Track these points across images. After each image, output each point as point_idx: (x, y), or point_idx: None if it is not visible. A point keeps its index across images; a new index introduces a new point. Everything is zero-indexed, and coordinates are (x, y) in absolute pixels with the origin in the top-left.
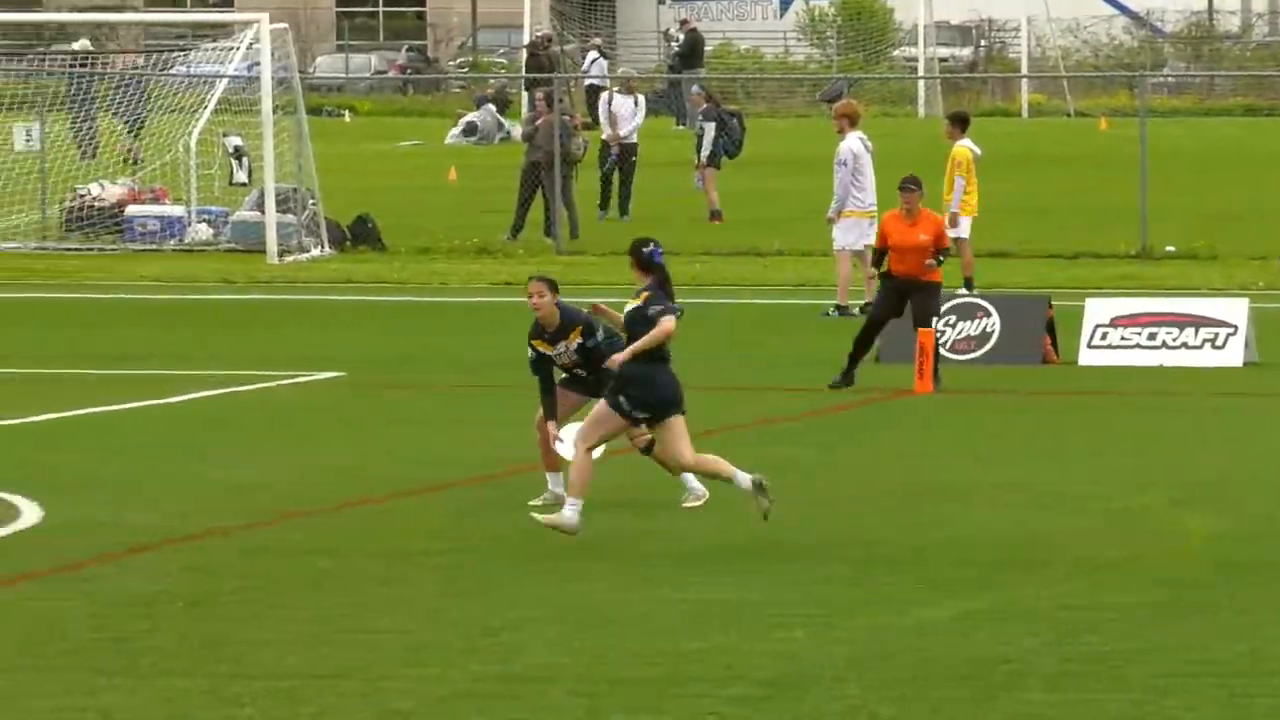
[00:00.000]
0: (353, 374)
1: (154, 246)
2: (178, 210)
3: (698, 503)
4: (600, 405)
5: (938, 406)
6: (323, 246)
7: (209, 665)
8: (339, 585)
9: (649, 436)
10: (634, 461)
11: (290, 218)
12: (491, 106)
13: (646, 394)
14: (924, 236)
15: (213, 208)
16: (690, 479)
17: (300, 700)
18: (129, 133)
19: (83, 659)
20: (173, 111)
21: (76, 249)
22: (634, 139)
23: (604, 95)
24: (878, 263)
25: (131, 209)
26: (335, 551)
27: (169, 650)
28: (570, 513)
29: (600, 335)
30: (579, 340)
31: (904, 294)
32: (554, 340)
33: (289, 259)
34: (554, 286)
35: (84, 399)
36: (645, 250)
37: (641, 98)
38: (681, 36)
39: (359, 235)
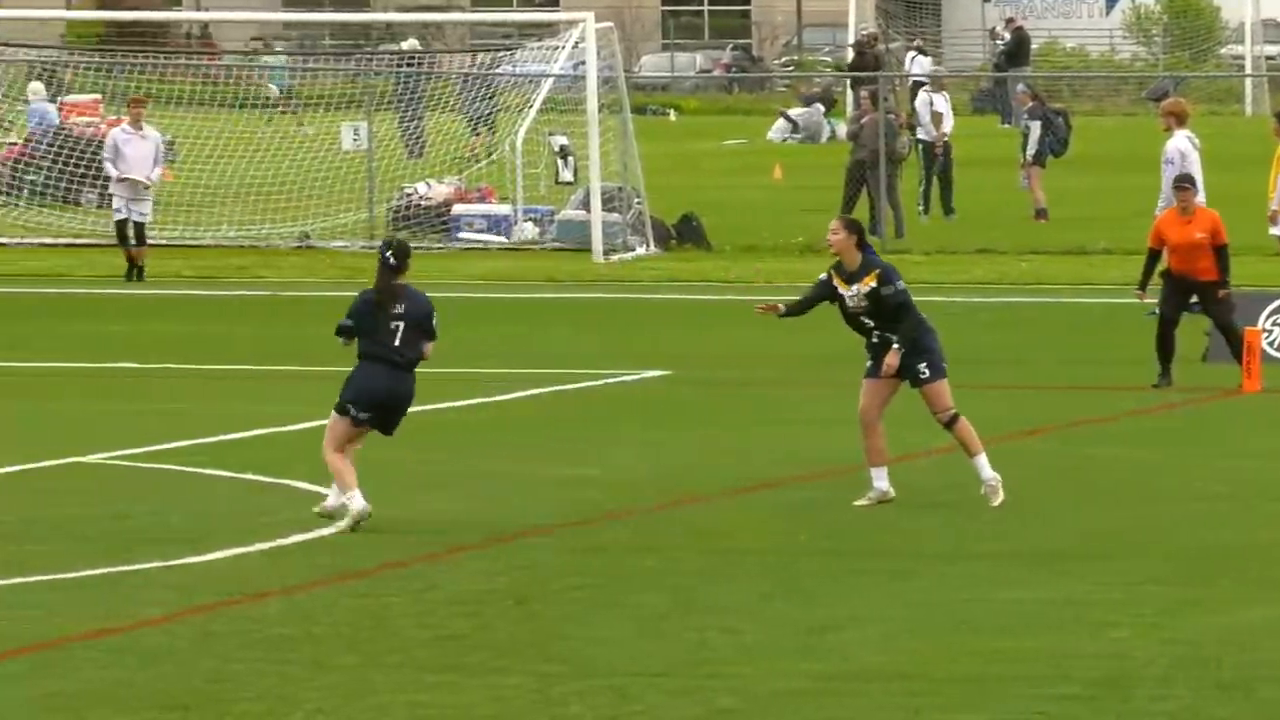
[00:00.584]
0: (679, 372)
1: (480, 245)
2: (504, 209)
3: (999, 498)
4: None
5: (1264, 406)
6: (648, 245)
7: (536, 664)
8: (666, 583)
9: (952, 410)
10: (954, 461)
11: (616, 216)
12: (819, 105)
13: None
14: (1200, 234)
15: (538, 206)
16: (984, 467)
17: (628, 698)
18: (472, 131)
19: (410, 656)
20: (499, 111)
21: None
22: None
23: (922, 94)
24: (1152, 264)
25: (458, 208)
26: (662, 550)
27: (496, 648)
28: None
29: (898, 286)
30: (873, 284)
31: (1187, 290)
32: (850, 280)
33: (614, 258)
34: (853, 226)
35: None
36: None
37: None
38: (1007, 35)
39: (684, 234)
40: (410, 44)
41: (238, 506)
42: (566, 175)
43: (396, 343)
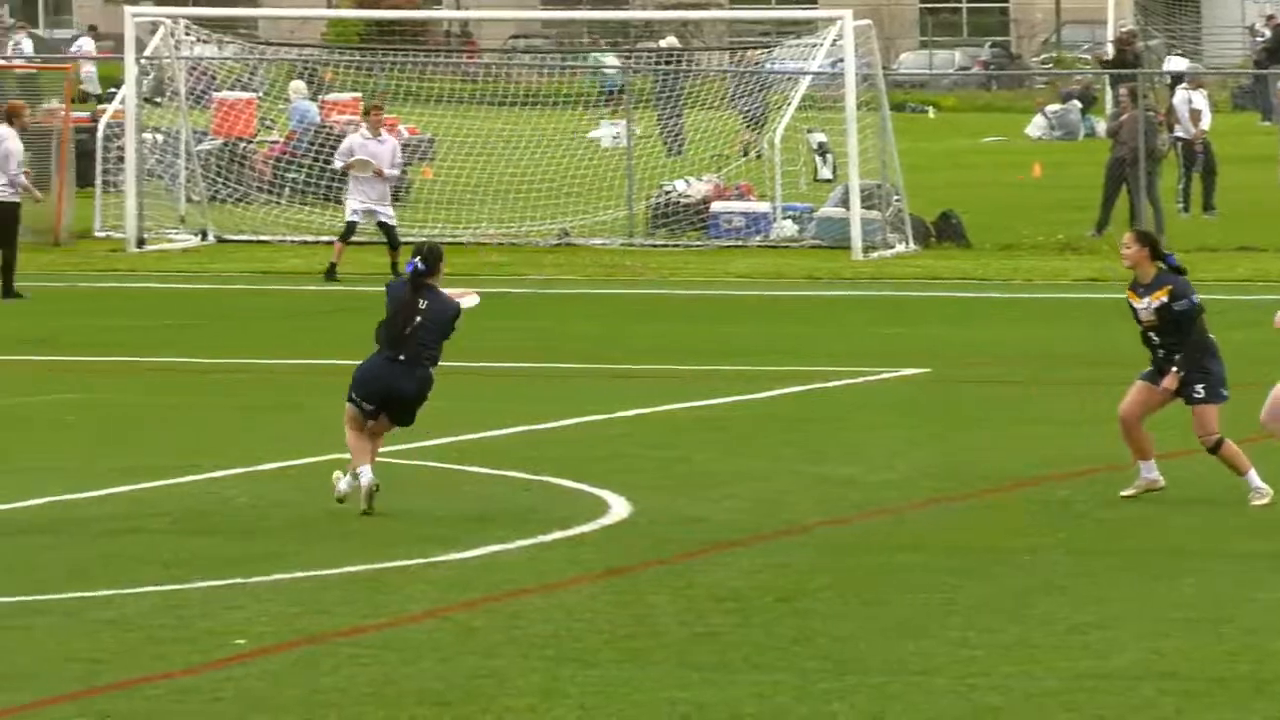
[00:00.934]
0: (938, 369)
1: (739, 242)
2: (763, 207)
3: (1263, 500)
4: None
5: None
6: (907, 243)
7: (798, 660)
8: (926, 582)
9: (1216, 436)
10: (1214, 461)
11: (875, 214)
12: (1077, 102)
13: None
14: None
15: (797, 204)
16: (1255, 480)
17: (889, 696)
18: (748, 126)
19: (674, 653)
20: (769, 108)
21: (663, 245)
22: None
23: (1180, 91)
24: None
25: (717, 205)
26: (922, 547)
27: (759, 645)
28: None
29: (1192, 300)
30: (1164, 299)
31: None
32: (1143, 293)
33: (874, 255)
34: (1145, 239)
35: (674, 394)
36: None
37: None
38: (1267, 31)
39: (943, 231)
40: (669, 41)
41: (497, 504)
42: (825, 172)
43: (405, 333)
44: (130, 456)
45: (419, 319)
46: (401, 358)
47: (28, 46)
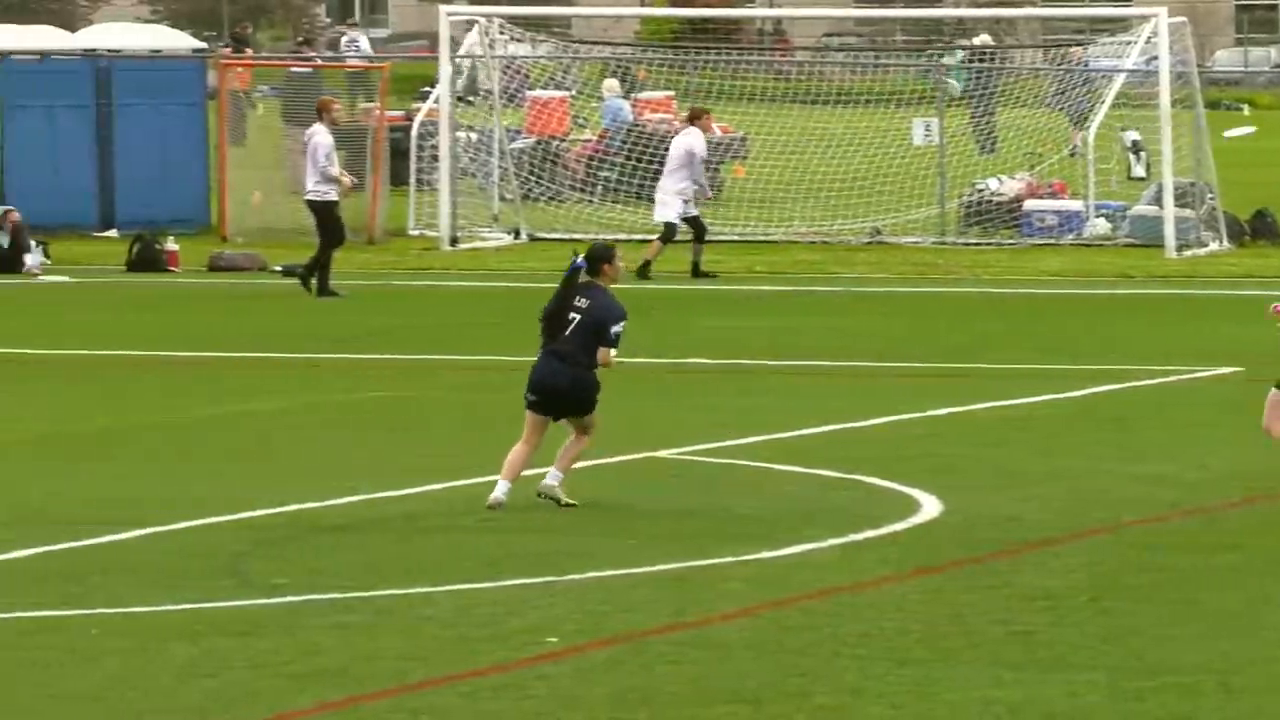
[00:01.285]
0: (1251, 368)
1: (1052, 241)
2: (1076, 205)
3: None
4: None
5: None
6: (1221, 241)
7: (1110, 659)
8: (1241, 582)
9: None
10: None
11: (1189, 212)
12: None
13: None
14: None
15: (1111, 202)
16: None
17: (1200, 694)
18: (1074, 124)
19: (985, 652)
20: (1092, 104)
21: (975, 243)
22: None
23: None
24: None
25: (1029, 204)
26: (1238, 547)
27: (1071, 644)
28: None
29: None
30: None
31: None
32: None
33: (1187, 253)
34: None
35: (984, 392)
36: None
37: None
38: None
39: (1258, 230)
40: (982, 39)
41: (810, 502)
42: (1139, 170)
43: (566, 333)
44: (436, 455)
45: (577, 317)
46: (557, 351)
47: (364, 44)
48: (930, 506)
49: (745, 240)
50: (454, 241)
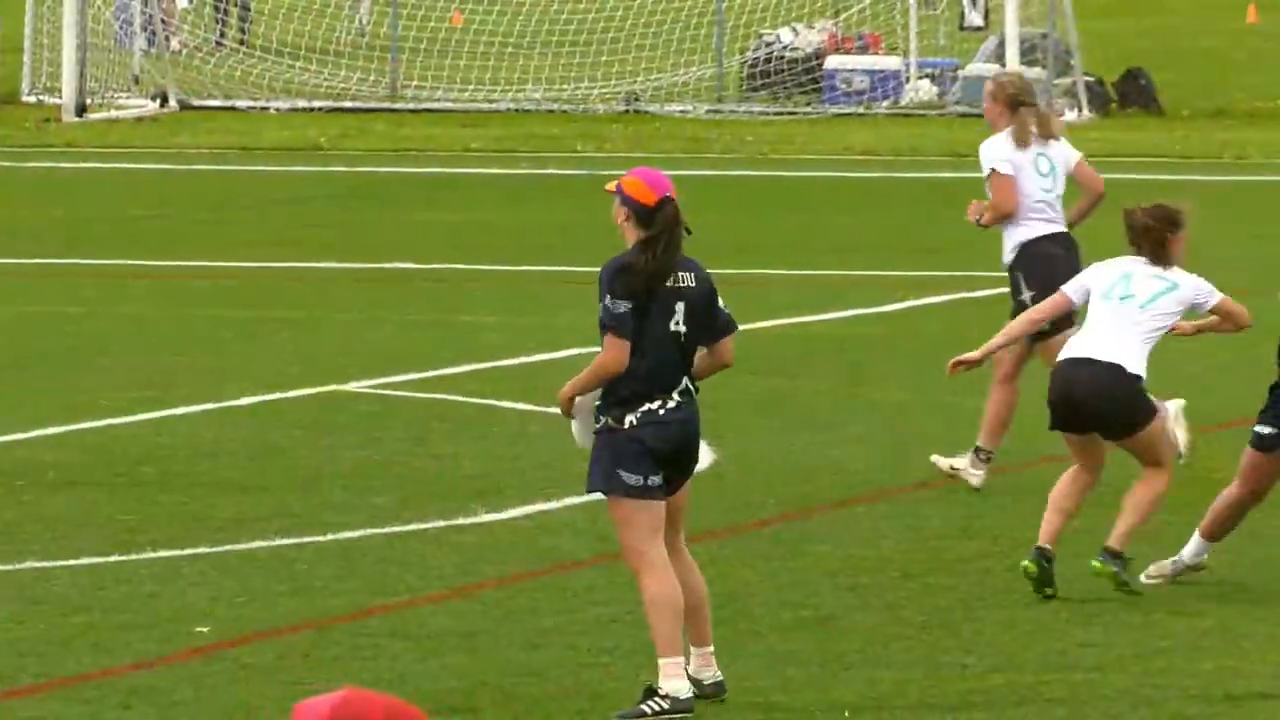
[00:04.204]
0: None
1: (861, 109)
2: (892, 63)
3: None
4: None
5: None
6: (1080, 109)
7: (929, 651)
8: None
9: None
10: None
11: (1039, 72)
12: None
13: None
14: None
15: (937, 60)
16: None
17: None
18: None
19: (769, 643)
20: None
21: (762, 112)
22: None
23: None
24: None
25: (833, 61)
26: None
27: (880, 633)
28: None
29: None
30: None
31: None
32: None
33: None
34: None
35: (760, 307)
36: None
37: None
38: None
39: (1128, 95)
40: None
41: (541, 451)
42: (974, 19)
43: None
44: (55, 391)
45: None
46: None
47: None
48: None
49: (464, 109)
50: (82, 110)
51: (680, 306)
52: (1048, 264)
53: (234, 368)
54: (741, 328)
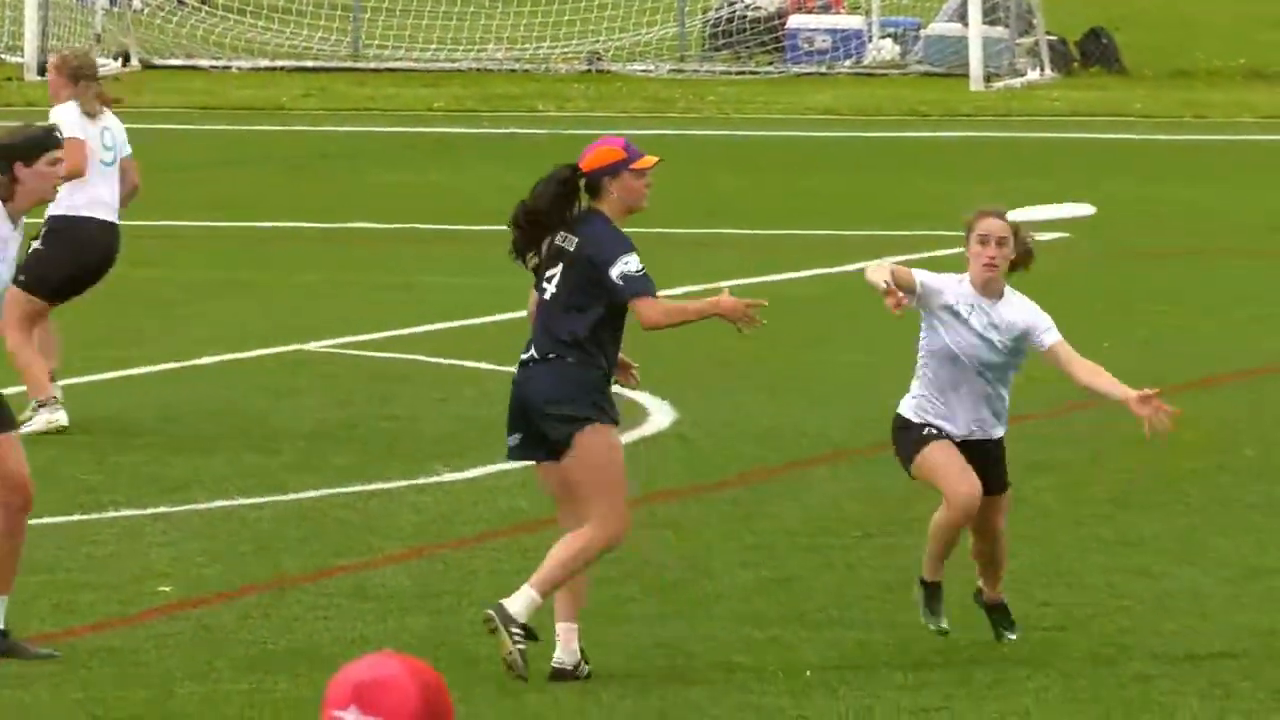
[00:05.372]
0: (1078, 235)
1: (824, 69)
2: (855, 22)
3: None
4: None
5: None
6: (1043, 69)
7: (891, 612)
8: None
9: None
10: None
11: (1001, 31)
12: None
13: None
14: None
15: (900, 19)
16: None
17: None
18: None
19: (730, 605)
20: None
21: (725, 72)
22: None
23: None
24: None
25: (795, 20)
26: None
27: (842, 595)
28: None
29: None
30: None
31: None
32: None
33: (999, 85)
34: None
35: (722, 266)
36: None
37: None
38: None
39: (1091, 54)
40: None
41: (503, 411)
42: None
43: None
44: None
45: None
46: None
47: None
48: (661, 415)
49: (425, 69)
50: (43, 69)
51: (558, 268)
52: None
53: (196, 328)
54: (702, 287)
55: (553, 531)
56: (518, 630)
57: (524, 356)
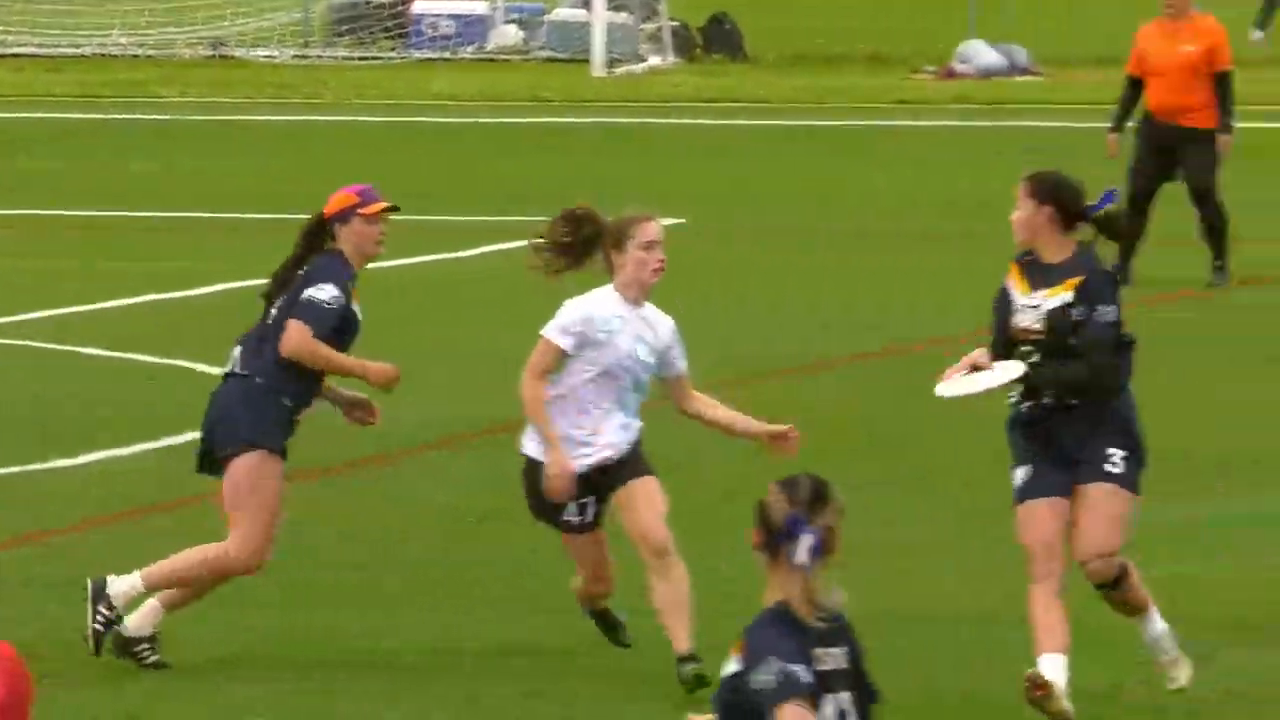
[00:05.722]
0: (698, 220)
1: (446, 55)
2: (480, 7)
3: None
4: None
5: None
6: (665, 54)
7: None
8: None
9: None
10: None
11: (624, 17)
12: None
13: None
14: (1190, 48)
15: (524, 4)
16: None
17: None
18: None
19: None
20: None
21: (347, 57)
22: None
23: None
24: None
25: (419, 5)
26: None
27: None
28: None
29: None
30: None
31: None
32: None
33: (620, 70)
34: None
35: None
36: None
37: None
38: None
39: (714, 40)
40: None
41: (121, 394)
42: None
43: None
44: None
45: None
46: None
47: None
48: None
49: (47, 54)
50: None
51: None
52: None
53: None
54: None
55: (161, 516)
56: (104, 610)
57: (224, 370)
